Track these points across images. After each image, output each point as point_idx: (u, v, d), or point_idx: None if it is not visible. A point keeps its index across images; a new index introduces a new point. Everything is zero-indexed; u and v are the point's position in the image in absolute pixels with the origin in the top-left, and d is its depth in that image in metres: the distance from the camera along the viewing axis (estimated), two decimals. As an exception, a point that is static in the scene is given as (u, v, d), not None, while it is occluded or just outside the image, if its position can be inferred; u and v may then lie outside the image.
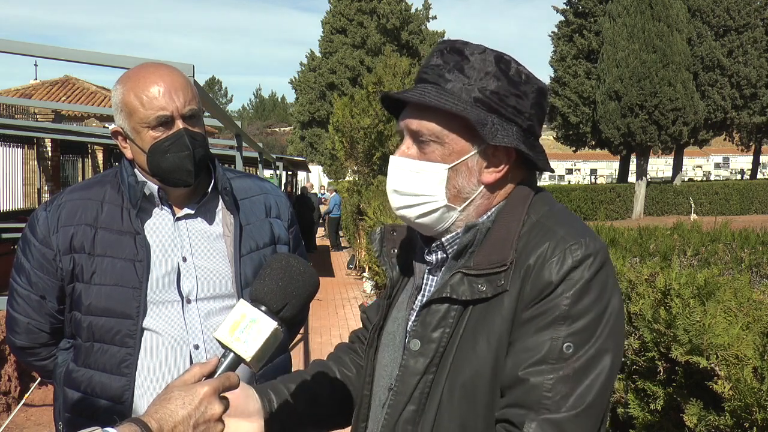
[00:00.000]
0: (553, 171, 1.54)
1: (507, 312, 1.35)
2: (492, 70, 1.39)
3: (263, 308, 1.41)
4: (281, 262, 1.48)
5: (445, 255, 1.49)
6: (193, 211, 2.11)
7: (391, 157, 1.48)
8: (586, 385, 1.30)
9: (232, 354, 1.38)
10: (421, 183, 1.43)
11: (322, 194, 24.01)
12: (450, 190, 1.42)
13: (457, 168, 1.41)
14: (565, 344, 1.30)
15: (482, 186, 1.43)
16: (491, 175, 1.42)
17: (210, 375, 1.35)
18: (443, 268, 1.50)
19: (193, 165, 2.00)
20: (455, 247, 1.45)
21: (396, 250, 1.63)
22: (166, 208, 2.10)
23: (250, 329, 1.39)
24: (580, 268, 1.33)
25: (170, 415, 1.24)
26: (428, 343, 1.41)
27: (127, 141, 2.05)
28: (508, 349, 1.35)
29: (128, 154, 2.07)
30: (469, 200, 1.44)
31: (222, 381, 1.33)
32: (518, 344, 1.33)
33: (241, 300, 1.43)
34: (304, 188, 23.99)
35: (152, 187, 2.07)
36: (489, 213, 1.46)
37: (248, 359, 1.38)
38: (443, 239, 1.48)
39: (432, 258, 1.51)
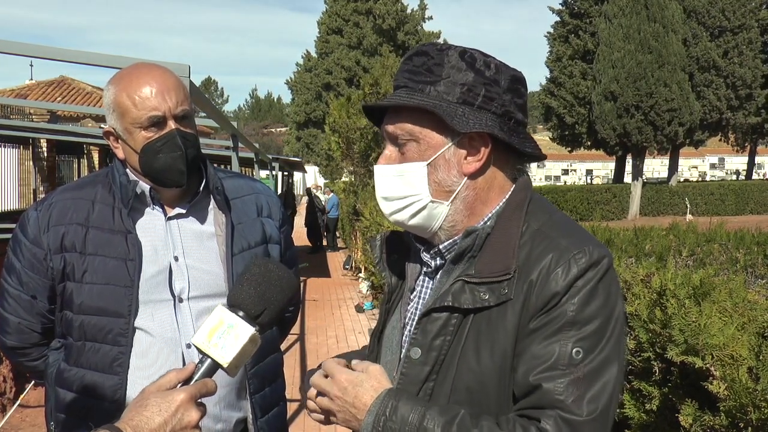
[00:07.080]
0: (545, 157, 1.55)
1: (512, 323, 1.35)
2: (457, 64, 1.42)
3: (241, 313, 1.40)
4: (260, 268, 1.47)
5: (443, 261, 1.50)
6: (184, 211, 2.10)
7: (375, 165, 1.50)
8: (597, 389, 1.30)
9: (209, 360, 1.37)
10: (404, 185, 1.45)
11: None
12: (432, 186, 1.44)
13: (435, 162, 1.43)
14: (575, 349, 1.31)
15: (465, 177, 1.44)
16: (471, 165, 1.43)
17: (187, 381, 1.35)
18: (440, 272, 1.50)
19: (185, 165, 2.00)
20: (453, 252, 1.45)
21: (395, 256, 1.63)
22: (157, 207, 2.08)
23: (228, 335, 1.38)
24: (585, 276, 1.33)
25: (146, 422, 1.24)
26: (429, 352, 1.41)
27: (119, 141, 2.04)
28: (516, 359, 1.35)
29: (120, 154, 2.06)
30: (455, 193, 1.44)
31: (199, 387, 1.33)
32: (527, 353, 1.34)
33: (219, 305, 1.42)
34: (308, 189, 23.99)
35: (144, 186, 2.06)
36: (487, 217, 1.46)
37: (225, 365, 1.37)
38: (441, 246, 1.49)
39: (431, 263, 1.52)
